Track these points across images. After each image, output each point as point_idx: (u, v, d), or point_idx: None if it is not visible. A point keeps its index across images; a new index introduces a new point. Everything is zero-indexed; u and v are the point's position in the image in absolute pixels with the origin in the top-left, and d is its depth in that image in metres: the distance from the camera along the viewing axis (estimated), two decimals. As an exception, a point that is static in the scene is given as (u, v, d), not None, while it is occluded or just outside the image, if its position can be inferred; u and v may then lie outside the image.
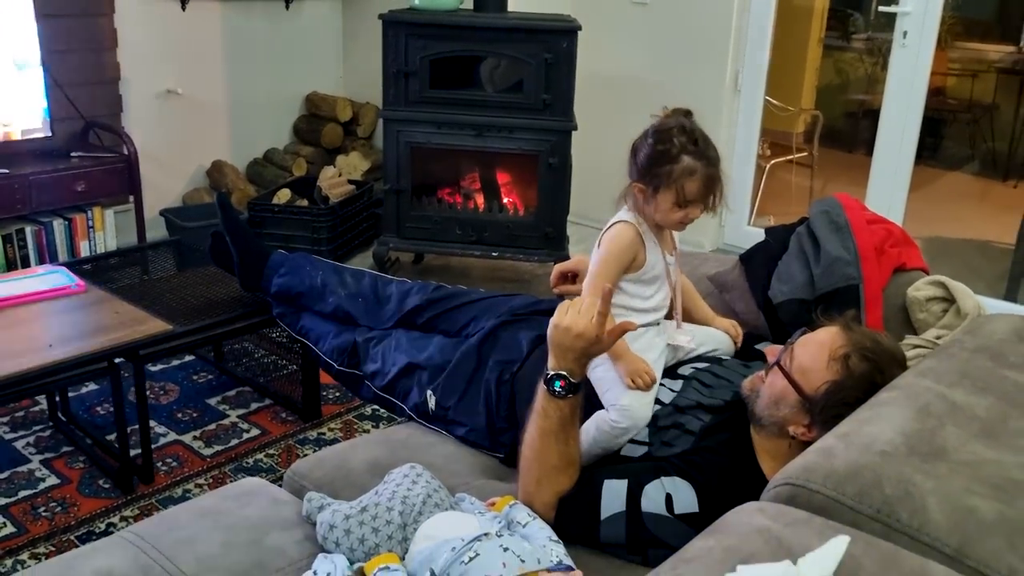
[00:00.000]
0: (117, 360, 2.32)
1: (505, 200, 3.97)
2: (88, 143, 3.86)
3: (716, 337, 1.87)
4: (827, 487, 1.10)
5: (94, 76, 3.91)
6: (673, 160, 1.60)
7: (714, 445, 1.54)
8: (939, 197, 5.67)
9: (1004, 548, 1.03)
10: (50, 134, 3.67)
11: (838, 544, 0.91)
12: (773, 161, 4.88)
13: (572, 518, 1.53)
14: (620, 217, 1.71)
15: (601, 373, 1.65)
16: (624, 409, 1.61)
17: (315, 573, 1.43)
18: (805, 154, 5.29)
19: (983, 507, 1.07)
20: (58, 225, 3.70)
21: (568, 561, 1.43)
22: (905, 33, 3.73)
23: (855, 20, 6.72)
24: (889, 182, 3.89)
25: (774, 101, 4.66)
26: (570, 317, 1.51)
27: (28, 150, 3.67)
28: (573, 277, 1.98)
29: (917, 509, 1.06)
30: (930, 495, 1.08)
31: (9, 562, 2.14)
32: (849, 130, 6.55)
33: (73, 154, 3.74)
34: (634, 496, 1.48)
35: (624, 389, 1.62)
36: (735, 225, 4.37)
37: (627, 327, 1.56)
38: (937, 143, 6.43)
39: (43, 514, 2.32)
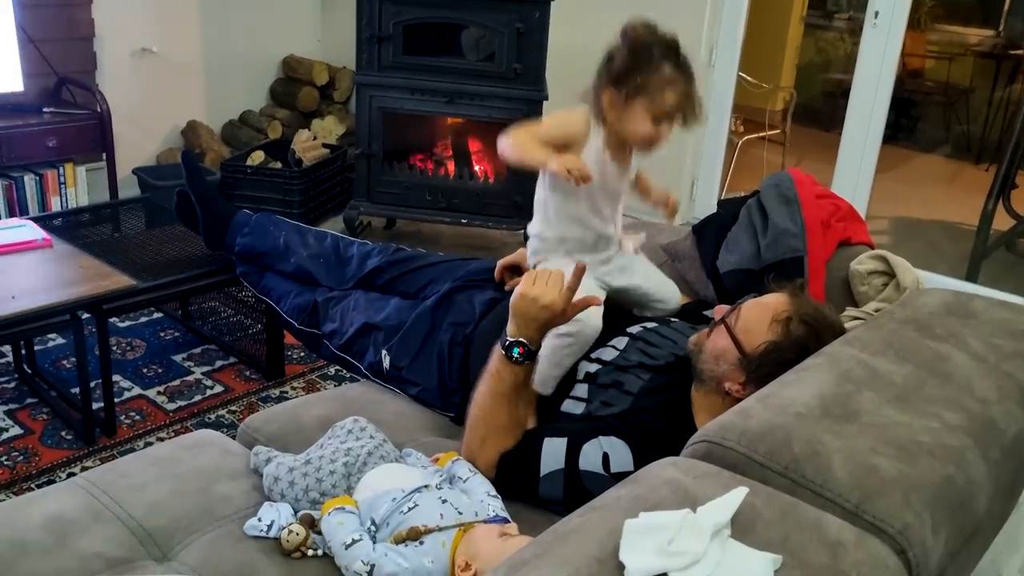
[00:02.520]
0: (83, 315, 2.35)
1: (476, 168, 4.00)
2: (61, 99, 3.85)
3: (667, 286, 1.92)
4: (740, 445, 1.15)
5: (68, 32, 3.88)
6: (654, 68, 1.57)
7: (652, 407, 1.58)
8: (911, 178, 5.73)
9: (900, 505, 1.08)
10: (22, 89, 3.66)
11: (736, 494, 0.97)
12: (746, 137, 4.92)
13: (512, 474, 1.57)
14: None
15: None
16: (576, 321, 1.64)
17: (260, 519, 1.48)
18: (778, 131, 5.33)
19: (885, 466, 1.12)
20: (29, 180, 3.70)
21: (505, 515, 1.48)
22: (876, 13, 3.76)
23: (836, -1, 6.76)
24: (856, 161, 3.94)
25: (748, 77, 4.69)
26: (538, 288, 1.53)
27: (-1, 104, 3.67)
28: (518, 270, 2.03)
29: (822, 466, 1.12)
30: (836, 454, 1.13)
31: (-31, 508, 2.17)
32: (827, 108, 6.57)
33: (45, 110, 3.73)
34: (572, 454, 1.52)
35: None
36: (705, 200, 4.41)
37: (591, 301, 1.60)
38: (912, 125, 6.48)
39: (4, 463, 2.36)
